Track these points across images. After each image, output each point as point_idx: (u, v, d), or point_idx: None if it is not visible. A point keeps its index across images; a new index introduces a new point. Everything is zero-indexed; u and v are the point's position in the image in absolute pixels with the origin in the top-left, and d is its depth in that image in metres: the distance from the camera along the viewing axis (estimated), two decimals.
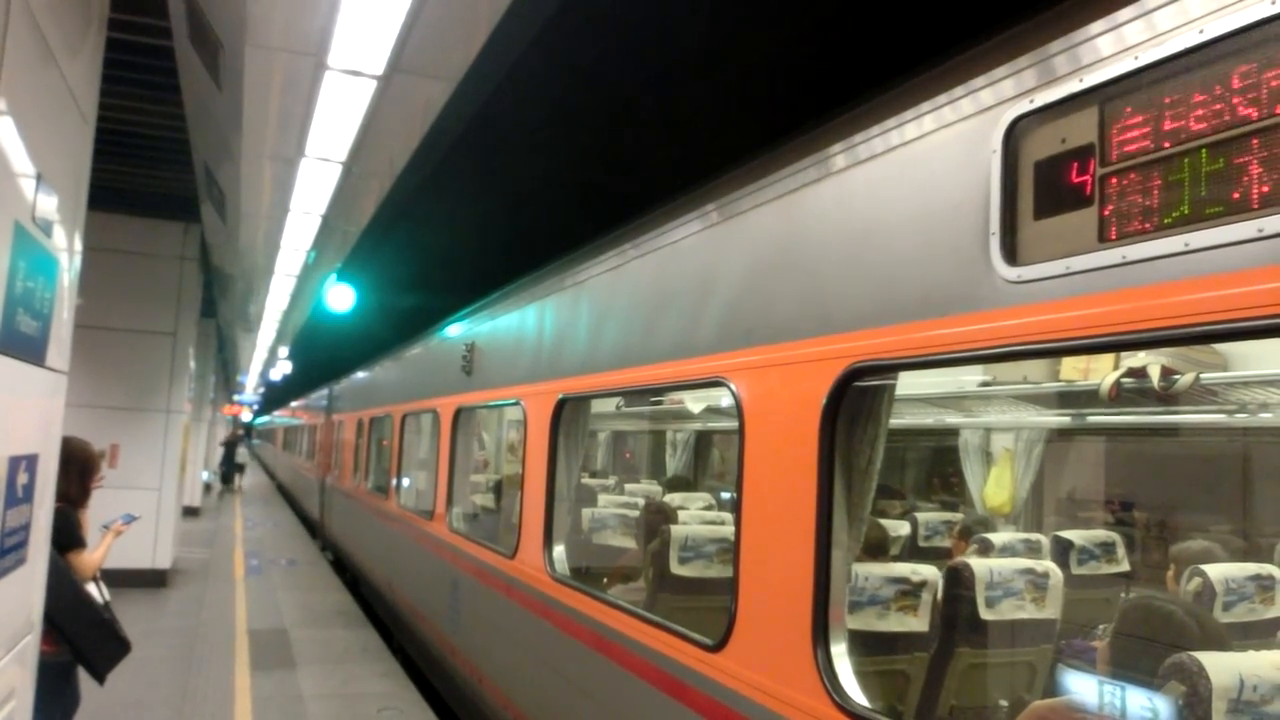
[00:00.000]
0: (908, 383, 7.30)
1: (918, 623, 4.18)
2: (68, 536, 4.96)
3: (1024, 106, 2.61)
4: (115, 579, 6.27)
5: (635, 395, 8.49)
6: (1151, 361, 5.63)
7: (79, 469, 5.16)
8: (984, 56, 2.83)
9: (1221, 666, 2.55)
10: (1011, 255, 2.60)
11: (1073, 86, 2.46)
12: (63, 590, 4.73)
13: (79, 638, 4.92)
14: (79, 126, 4.08)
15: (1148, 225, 2.23)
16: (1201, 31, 2.14)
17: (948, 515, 7.66)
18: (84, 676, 5.19)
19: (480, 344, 8.24)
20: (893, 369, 3.18)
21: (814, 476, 3.29)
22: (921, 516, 7.54)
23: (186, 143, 9.35)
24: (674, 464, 12.47)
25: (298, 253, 12.22)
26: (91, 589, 5.15)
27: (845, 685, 3.12)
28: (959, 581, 4.24)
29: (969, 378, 7.17)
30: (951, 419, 8.25)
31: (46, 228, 3.52)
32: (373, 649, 10.58)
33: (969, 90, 2.84)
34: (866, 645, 4.11)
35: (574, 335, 5.99)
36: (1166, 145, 2.20)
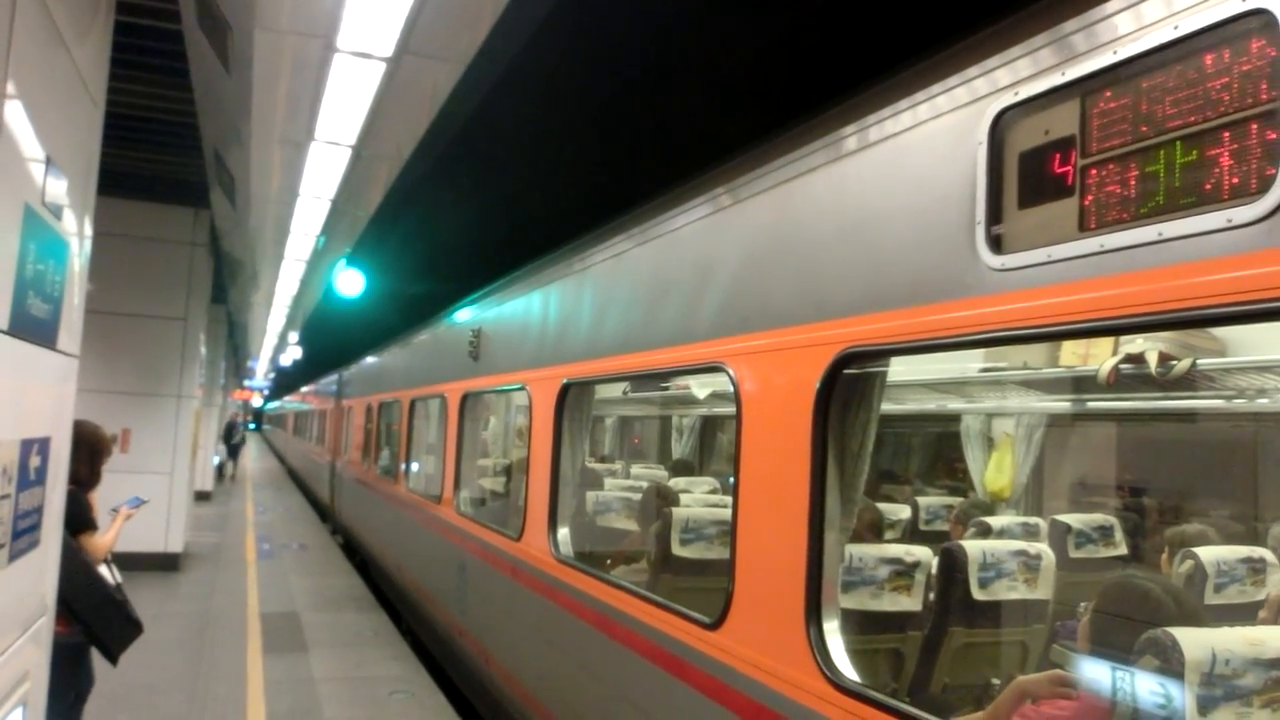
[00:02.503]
0: (913, 368, 7.37)
1: (911, 602, 4.27)
2: (79, 519, 5.00)
3: (1009, 99, 2.68)
4: (128, 562, 6.32)
5: (637, 380, 8.57)
6: (1149, 347, 5.68)
7: (89, 452, 5.20)
8: (972, 50, 2.90)
9: (1195, 641, 2.63)
10: (997, 244, 2.67)
11: (1055, 80, 2.53)
12: (75, 572, 4.75)
13: (92, 619, 4.97)
14: (88, 110, 4.06)
15: (1125, 215, 2.30)
16: (1176, 27, 2.21)
17: (948, 499, 7.73)
18: (98, 659, 5.25)
19: (487, 330, 8.33)
20: (884, 355, 3.26)
21: (808, 460, 3.37)
22: (923, 501, 7.62)
23: (196, 127, 9.38)
24: (680, 449, 12.57)
25: (307, 238, 12.30)
26: (103, 571, 5.21)
27: (837, 661, 3.21)
28: (952, 563, 4.32)
29: (971, 364, 7.23)
30: (954, 404, 8.31)
31: (56, 211, 3.50)
32: (384, 633, 10.66)
33: (957, 82, 2.91)
34: (861, 624, 4.20)
35: (578, 321, 6.07)
36: (1143, 137, 2.28)
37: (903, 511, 7.20)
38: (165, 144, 10.91)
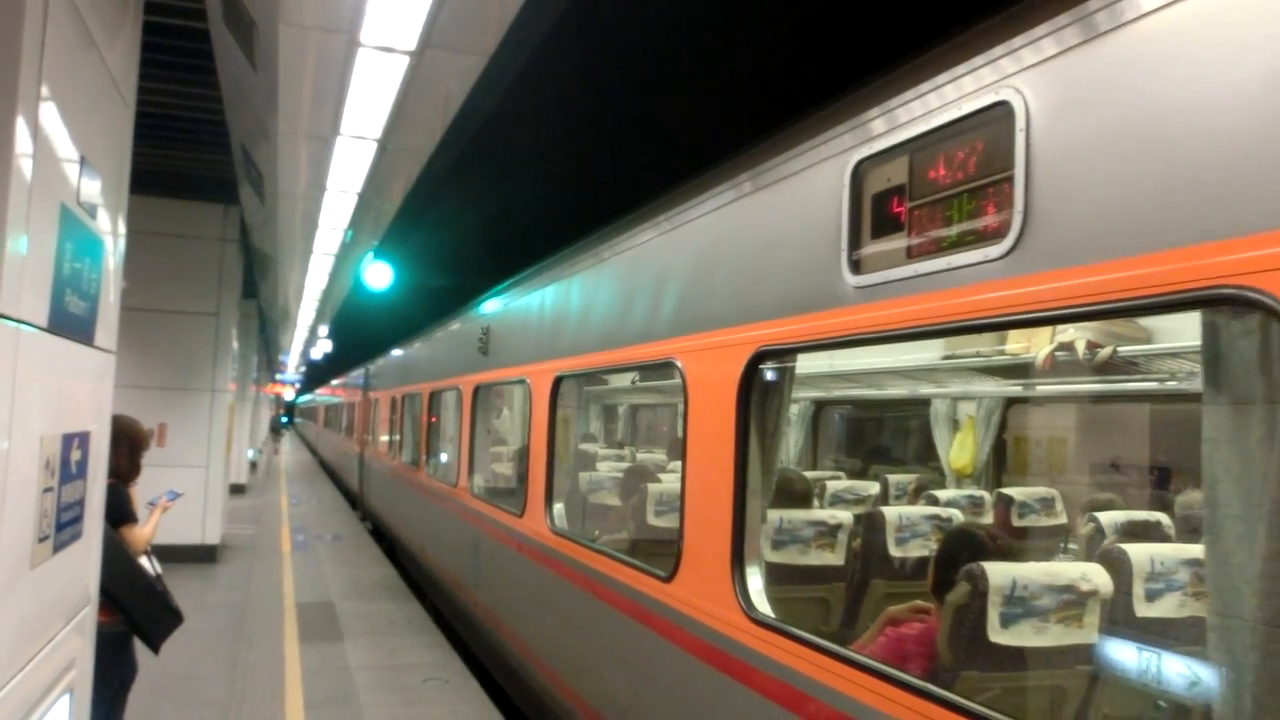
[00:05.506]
0: (889, 358, 8.01)
1: (834, 558, 5.01)
2: (120, 511, 5.16)
3: (866, 151, 3.41)
4: (166, 554, 6.48)
5: (607, 373, 9.14)
6: (1078, 336, 6.35)
7: (129, 445, 5.37)
8: (841, 110, 3.63)
9: (999, 572, 3.36)
10: (856, 266, 3.41)
11: (893, 140, 3.26)
12: (117, 563, 4.90)
13: (133, 609, 5.14)
14: (120, 110, 4.08)
15: (933, 248, 3.03)
16: (960, 108, 2.94)
17: (912, 475, 8.42)
18: (140, 648, 5.42)
19: (494, 327, 9.09)
20: (787, 353, 4.00)
21: (733, 438, 4.13)
22: (892, 478, 8.31)
23: (224, 124, 9.53)
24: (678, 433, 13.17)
25: (335, 232, 12.31)
26: (144, 562, 5.37)
27: (756, 603, 3.96)
28: (872, 525, 5.07)
29: (933, 353, 7.87)
30: (924, 389, 8.96)
31: (91, 210, 3.54)
32: (417, 621, 10.90)
33: (831, 135, 3.65)
34: (791, 576, 4.94)
35: (568, 321, 6.83)
36: (944, 189, 3.00)
37: (872, 488, 7.89)
38: (194, 142, 11.09)
